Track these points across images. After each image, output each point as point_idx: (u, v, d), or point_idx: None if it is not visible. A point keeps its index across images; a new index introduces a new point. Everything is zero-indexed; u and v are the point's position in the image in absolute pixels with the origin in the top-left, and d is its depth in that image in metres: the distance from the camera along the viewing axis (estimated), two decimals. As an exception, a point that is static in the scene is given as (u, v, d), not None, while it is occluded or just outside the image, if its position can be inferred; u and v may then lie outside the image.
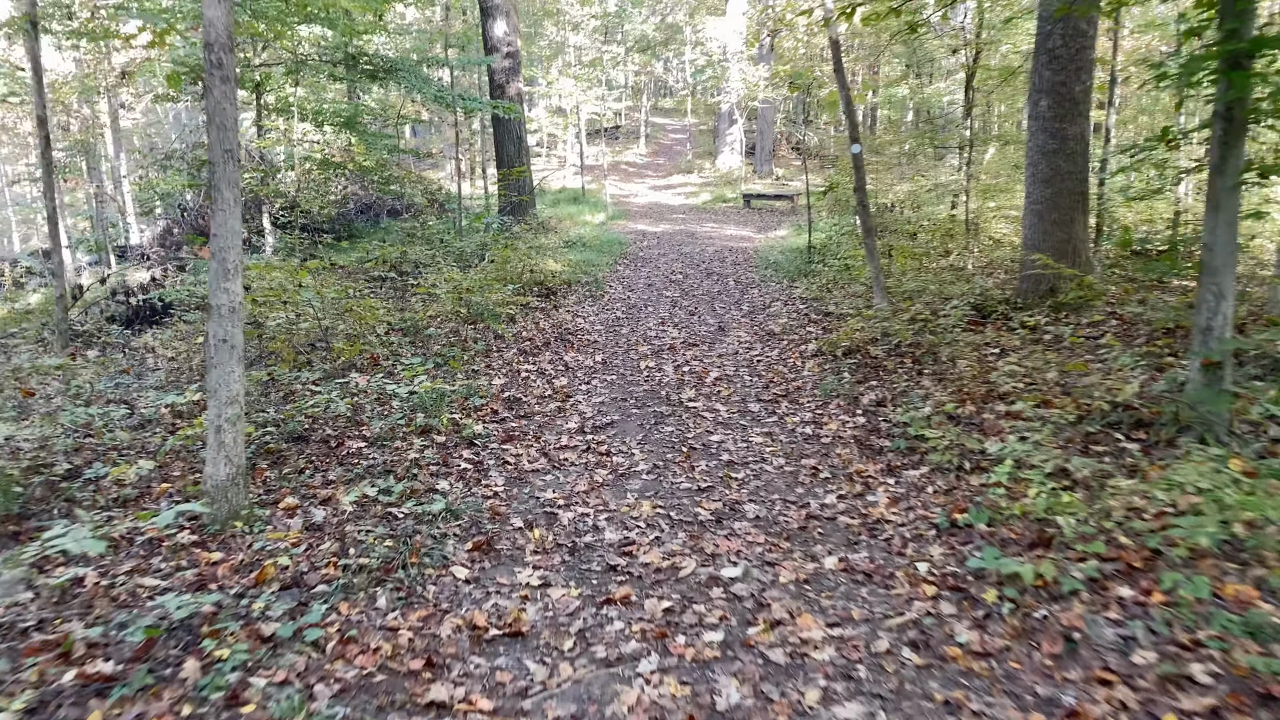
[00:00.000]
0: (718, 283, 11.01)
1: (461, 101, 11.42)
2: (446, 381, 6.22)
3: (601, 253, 13.38)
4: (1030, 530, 3.53)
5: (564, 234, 15.14)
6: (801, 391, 6.06)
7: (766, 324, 8.43)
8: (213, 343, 3.73)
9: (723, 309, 9.29)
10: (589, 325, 8.51)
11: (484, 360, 7.00)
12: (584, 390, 6.23)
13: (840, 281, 10.05)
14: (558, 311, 9.17)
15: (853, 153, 7.11)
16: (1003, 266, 9.73)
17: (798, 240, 14.28)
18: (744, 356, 7.14)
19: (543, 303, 9.57)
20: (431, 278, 8.57)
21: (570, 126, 24.35)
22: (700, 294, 10.23)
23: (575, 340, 7.85)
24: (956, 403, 5.16)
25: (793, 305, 9.33)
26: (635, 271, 12.05)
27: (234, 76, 3.62)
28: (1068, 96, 7.11)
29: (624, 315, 9.02)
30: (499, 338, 7.80)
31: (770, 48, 22.82)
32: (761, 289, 10.48)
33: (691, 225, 17.51)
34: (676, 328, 8.35)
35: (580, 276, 11.25)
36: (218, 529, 3.72)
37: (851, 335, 6.78)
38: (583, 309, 9.39)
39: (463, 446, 4.95)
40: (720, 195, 21.70)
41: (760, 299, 9.82)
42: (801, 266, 11.45)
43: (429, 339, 7.52)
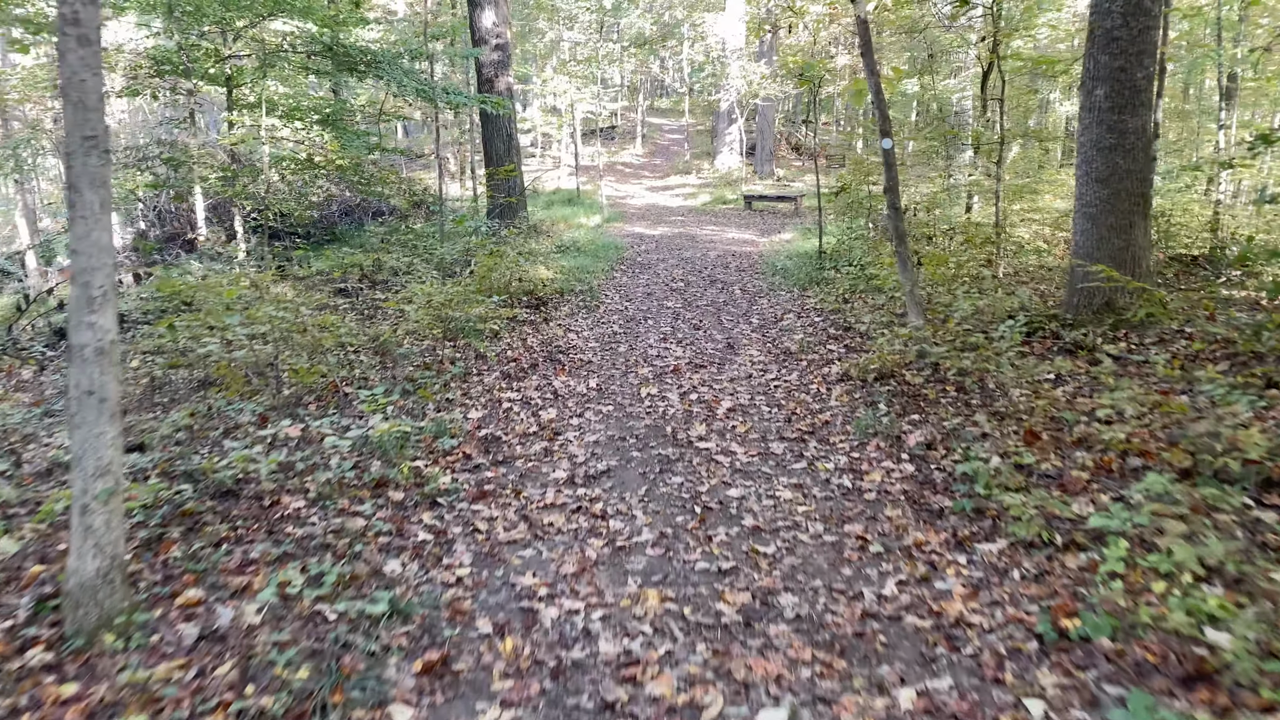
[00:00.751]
0: (723, 291, 10.06)
1: (445, 96, 10.46)
2: (414, 415, 5.26)
3: (597, 258, 12.41)
4: (1176, 652, 2.58)
5: (557, 238, 14.18)
6: (831, 427, 5.10)
7: (780, 340, 7.48)
8: (75, 395, 2.76)
9: (730, 322, 8.34)
10: (583, 342, 7.55)
11: (461, 387, 6.04)
12: (575, 425, 5.27)
13: (858, 290, 9.10)
14: (548, 325, 8.21)
15: (883, 148, 6.17)
16: (1036, 275, 8.80)
17: (805, 244, 13.34)
18: (759, 381, 6.19)
19: (532, 315, 8.61)
20: (403, 291, 7.60)
21: (565, 126, 23.39)
22: (704, 304, 9.27)
23: (567, 360, 6.89)
24: (1027, 449, 4.21)
25: (807, 318, 8.38)
26: (633, 279, 11.09)
27: (96, 38, 2.66)
28: (1128, 84, 6.18)
29: (622, 330, 8.06)
30: (480, 358, 6.84)
31: (771, 45, 21.87)
32: (771, 299, 9.53)
33: (691, 228, 16.56)
34: (680, 345, 7.40)
35: (574, 285, 10.29)
36: (82, 643, 2.76)
37: (884, 358, 5.83)
38: (576, 322, 8.43)
39: (424, 507, 3.99)
40: (720, 196, 20.75)
41: (771, 310, 8.87)
42: (812, 273, 10.50)
43: (402, 359, 6.56)
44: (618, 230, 16.26)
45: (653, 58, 33.35)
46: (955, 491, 3.99)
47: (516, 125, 13.39)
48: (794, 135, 29.25)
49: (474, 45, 12.84)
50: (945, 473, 4.25)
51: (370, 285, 8.75)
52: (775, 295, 9.71)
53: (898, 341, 6.09)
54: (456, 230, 9.86)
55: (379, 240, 10.03)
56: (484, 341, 7.23)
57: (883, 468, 4.41)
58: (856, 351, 6.85)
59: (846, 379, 6.07)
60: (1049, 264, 9.27)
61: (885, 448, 4.68)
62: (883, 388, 5.68)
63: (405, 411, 5.40)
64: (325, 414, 5.16)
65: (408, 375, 6.13)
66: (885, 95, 6.25)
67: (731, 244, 14.31)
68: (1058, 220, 10.28)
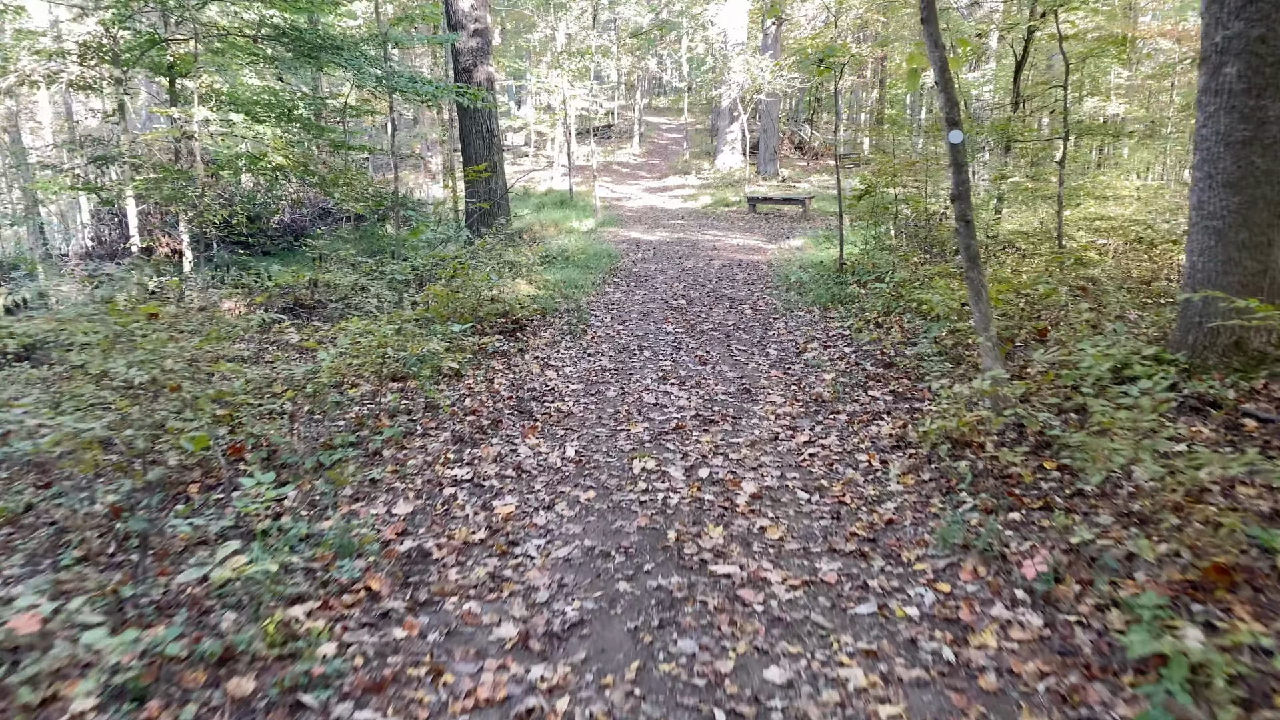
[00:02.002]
0: (731, 311, 8.51)
1: (411, 86, 8.90)
2: (316, 511, 3.72)
3: (587, 269, 10.86)
4: None
5: (544, 245, 12.62)
6: (900, 531, 3.57)
7: (807, 380, 5.94)
8: None
9: (743, 353, 6.80)
10: (563, 383, 6.00)
11: (395, 456, 4.49)
12: (540, 527, 3.72)
13: (893, 312, 7.56)
14: (523, 359, 6.65)
15: (951, 143, 4.63)
16: (1114, 301, 7.25)
17: (821, 253, 11.79)
18: (789, 446, 4.65)
19: (505, 343, 7.06)
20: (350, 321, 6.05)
21: (558, 123, 21.81)
22: (710, 328, 7.73)
23: (540, 411, 5.35)
24: (1213, 596, 2.68)
25: (835, 348, 6.84)
26: (628, 294, 9.54)
27: None
28: (1271, 59, 4.64)
29: (611, 364, 6.52)
30: (431, 408, 5.29)
31: (776, 38, 20.30)
32: (788, 321, 7.98)
33: (691, 233, 15.01)
34: (683, 387, 5.85)
35: (558, 303, 8.74)
36: None
37: (959, 421, 4.28)
38: (558, 353, 6.88)
39: (280, 712, 2.45)
40: (721, 198, 19.20)
41: (789, 337, 7.32)
42: (834, 289, 8.96)
43: (335, 408, 5.03)
44: (612, 235, 14.71)
45: (650, 54, 31.76)
46: (1130, 685, 2.45)
47: (498, 120, 11.83)
48: (797, 134, 27.69)
49: (449, 30, 11.27)
50: (1096, 634, 2.71)
51: (306, 310, 7.20)
52: (792, 316, 8.16)
53: (971, 394, 4.55)
54: (421, 240, 8.33)
55: (314, 255, 8.47)
56: (437, 387, 5.68)
57: (993, 618, 2.87)
58: (907, 400, 5.30)
59: (904, 445, 4.53)
60: (1121, 281, 7.73)
61: (988, 575, 3.14)
62: (957, 462, 4.14)
63: (307, 504, 3.86)
64: (200, 508, 3.62)
65: (326, 441, 4.58)
66: (948, 76, 4.70)
67: (736, 252, 12.76)
68: (1124, 228, 8.74)
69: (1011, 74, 14.07)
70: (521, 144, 30.46)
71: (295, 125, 10.68)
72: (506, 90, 37.31)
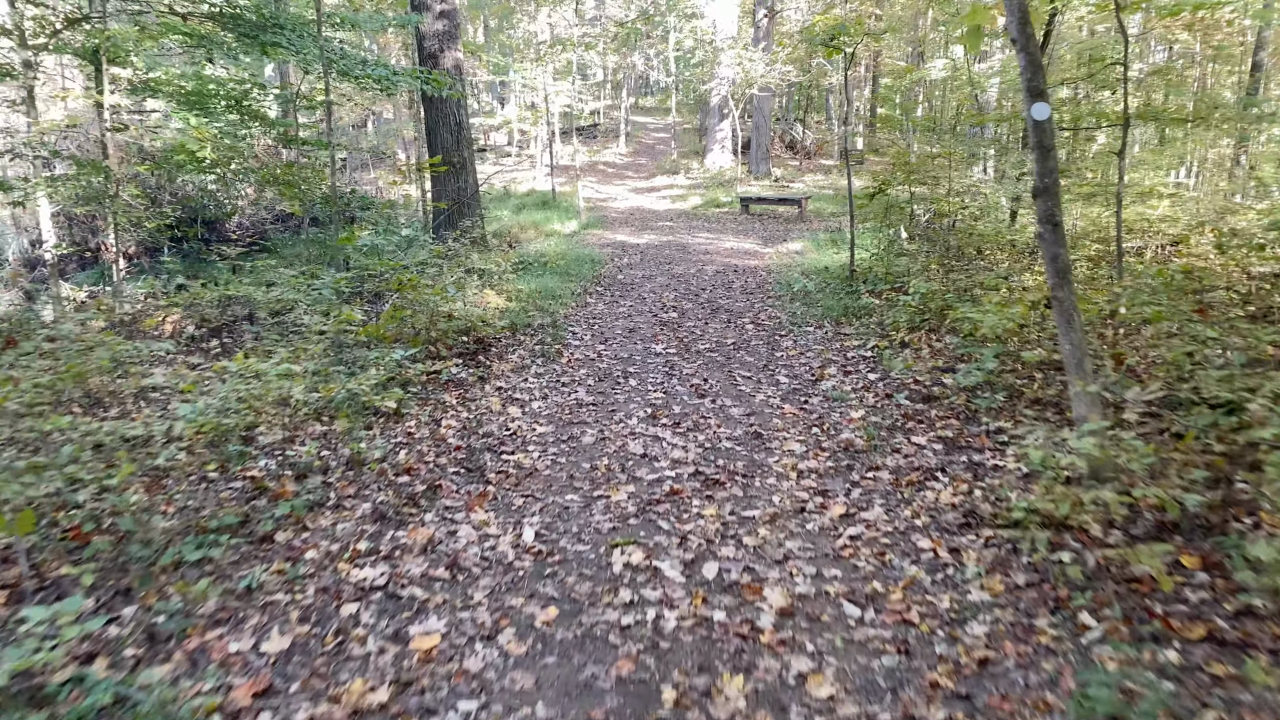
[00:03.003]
0: (730, 326, 7.32)
1: (363, 70, 7.66)
2: (154, 641, 2.50)
3: (567, 277, 9.64)
4: None
5: (522, 249, 11.39)
6: (1005, 681, 2.38)
7: (830, 418, 4.75)
8: None
9: (748, 380, 5.60)
10: (527, 425, 4.78)
11: (287, 549, 3.26)
12: (473, 679, 2.49)
13: (920, 328, 6.40)
14: (483, 390, 5.43)
15: (1034, 119, 3.46)
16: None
17: (824, 257, 10.62)
18: (820, 523, 3.45)
19: (465, 369, 5.83)
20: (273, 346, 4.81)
21: (541, 120, 20.56)
22: (707, 348, 6.53)
23: (495, 467, 4.13)
24: None
25: (857, 374, 5.66)
26: (611, 306, 8.33)
27: None
28: None
29: (590, 397, 5.30)
30: (355, 465, 4.06)
31: (768, 30, 19.14)
32: (796, 339, 6.79)
33: (682, 235, 13.81)
34: (679, 429, 4.65)
35: (532, 317, 7.51)
36: None
37: (1056, 498, 3.09)
38: (525, 382, 5.66)
39: None
40: (712, 199, 18.01)
41: (801, 360, 6.14)
42: (845, 300, 7.78)
43: (239, 461, 3.80)
44: (596, 238, 13.49)
45: (637, 51, 30.55)
46: None
47: (468, 112, 10.59)
48: (788, 133, 26.56)
49: (413, 11, 10.02)
50: None
51: (216, 333, 5.95)
52: (801, 333, 6.97)
53: (1060, 455, 3.36)
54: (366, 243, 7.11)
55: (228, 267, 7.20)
56: (369, 432, 4.45)
57: None
58: (963, 450, 4.12)
59: (976, 522, 3.34)
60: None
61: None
62: (1059, 555, 2.96)
63: (144, 633, 2.63)
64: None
65: (200, 522, 3.34)
66: (1029, 31, 3.52)
67: (731, 256, 11.57)
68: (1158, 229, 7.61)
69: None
70: (505, 143, 29.20)
71: (245, 117, 9.44)
72: (491, 89, 36.02)
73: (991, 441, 4.21)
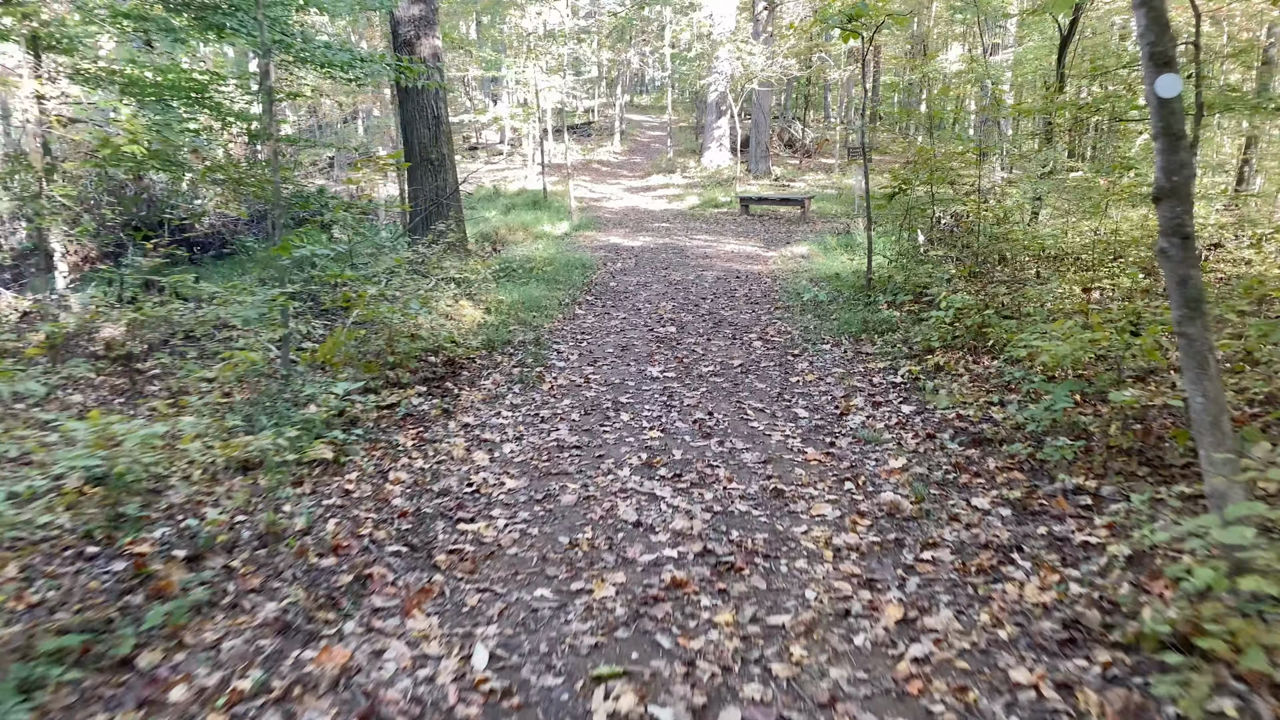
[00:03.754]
0: (735, 342, 6.43)
1: (326, 54, 6.74)
2: None
3: (555, 284, 8.73)
4: None
5: (505, 255, 10.47)
6: None
7: (864, 466, 3.86)
8: None
9: (760, 413, 4.71)
10: (494, 478, 3.87)
11: (148, 681, 2.35)
12: None
13: (953, 346, 5.52)
14: (446, 427, 4.52)
15: (1158, 96, 2.57)
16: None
17: (833, 263, 9.73)
18: (871, 637, 2.55)
19: (427, 399, 4.93)
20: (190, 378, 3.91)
21: (532, 118, 19.64)
22: (710, 370, 5.63)
23: (448, 544, 3.23)
24: None
25: (888, 405, 4.77)
26: (603, 318, 7.43)
27: None
28: None
29: (573, 437, 4.40)
30: (271, 539, 3.15)
31: (768, 22, 18.23)
32: (812, 358, 5.90)
33: (679, 237, 12.91)
34: (680, 484, 3.75)
35: (513, 333, 6.61)
36: None
37: (1218, 621, 2.20)
38: (498, 416, 4.75)
39: None
40: (710, 199, 17.10)
41: (820, 385, 5.24)
42: (863, 313, 6.90)
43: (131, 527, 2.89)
44: (589, 240, 12.58)
45: (632, 48, 29.61)
46: None
47: (447, 104, 9.66)
48: (786, 131, 25.66)
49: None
50: None
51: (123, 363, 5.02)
52: (817, 351, 6.08)
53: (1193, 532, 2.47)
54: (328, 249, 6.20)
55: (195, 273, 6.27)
56: (295, 494, 3.54)
57: None
58: (1041, 519, 3.23)
59: (1083, 636, 2.46)
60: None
61: None
62: (1217, 699, 2.08)
63: None
64: None
65: (45, 633, 2.43)
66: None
67: (732, 260, 10.67)
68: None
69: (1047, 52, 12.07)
70: (497, 141, 28.25)
71: (210, 111, 8.51)
72: (484, 87, 35.04)
73: (1072, 506, 3.32)
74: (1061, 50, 9.65)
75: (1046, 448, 3.74)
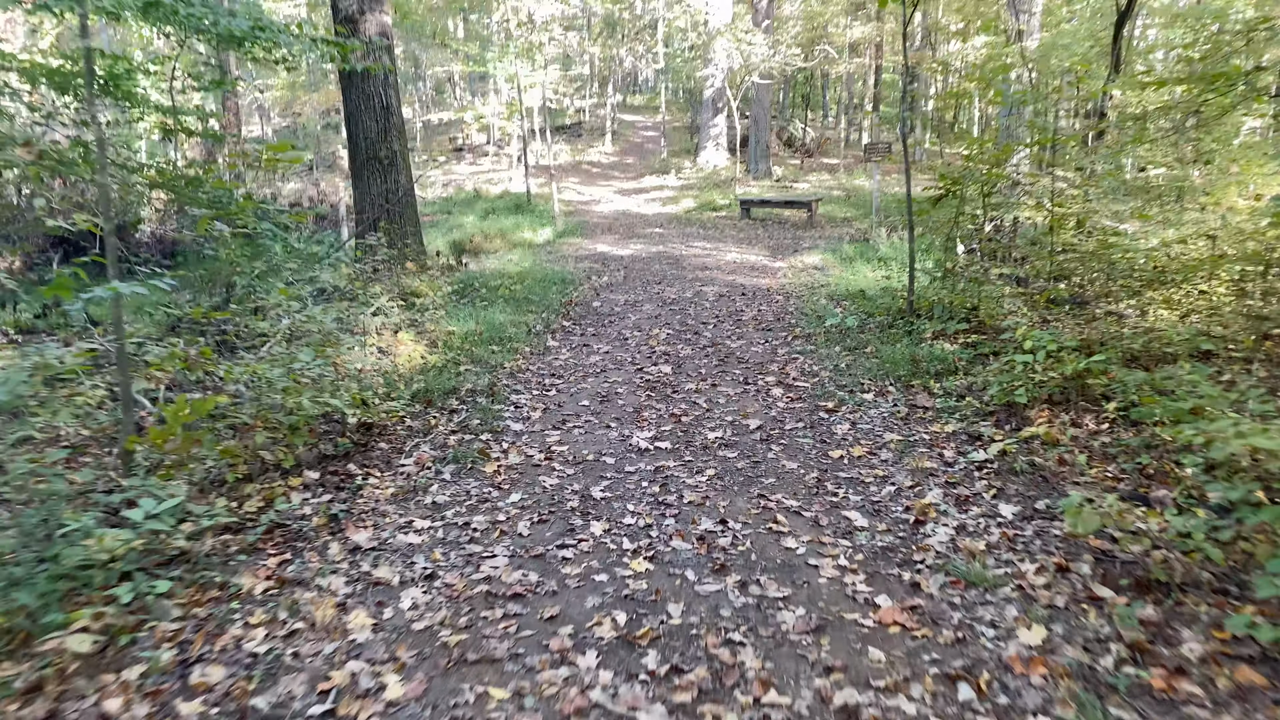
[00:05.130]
0: (747, 390, 4.87)
1: (195, 16, 5.15)
2: None
3: (526, 306, 7.16)
4: None
5: (472, 269, 8.90)
6: None
7: (978, 648, 2.31)
8: None
9: (795, 520, 3.15)
10: (370, 679, 2.28)
11: None
12: None
13: (1034, 394, 3.97)
14: (325, 556, 2.94)
15: None
16: None
17: (854, 276, 8.18)
18: None
19: (316, 494, 3.36)
20: None
21: (516, 115, 18.04)
22: (720, 439, 4.07)
23: None
24: None
25: (982, 505, 3.22)
26: (580, 352, 5.86)
27: None
28: None
29: (515, 574, 2.82)
30: None
31: (769, 9, 16.67)
32: (855, 419, 4.33)
33: (674, 244, 11.35)
34: (676, 703, 2.19)
35: (461, 379, 5.03)
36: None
37: None
38: (405, 534, 3.17)
39: None
40: (707, 201, 15.54)
41: (871, 464, 3.68)
42: (906, 345, 5.34)
43: None
44: (573, 249, 11.02)
45: (624, 45, 28.03)
46: None
47: (399, 93, 8.07)
48: (786, 129, 24.12)
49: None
50: None
51: None
52: (857, 404, 4.52)
53: None
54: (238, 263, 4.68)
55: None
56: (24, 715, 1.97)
57: None
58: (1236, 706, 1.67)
59: None
60: None
61: None
62: None
63: None
64: None
65: None
66: None
67: (735, 272, 9.12)
68: None
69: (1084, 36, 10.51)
70: (484, 142, 26.64)
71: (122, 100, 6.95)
72: (471, 86, 33.40)
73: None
74: (1118, 28, 8.10)
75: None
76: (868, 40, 20.27)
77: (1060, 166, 6.77)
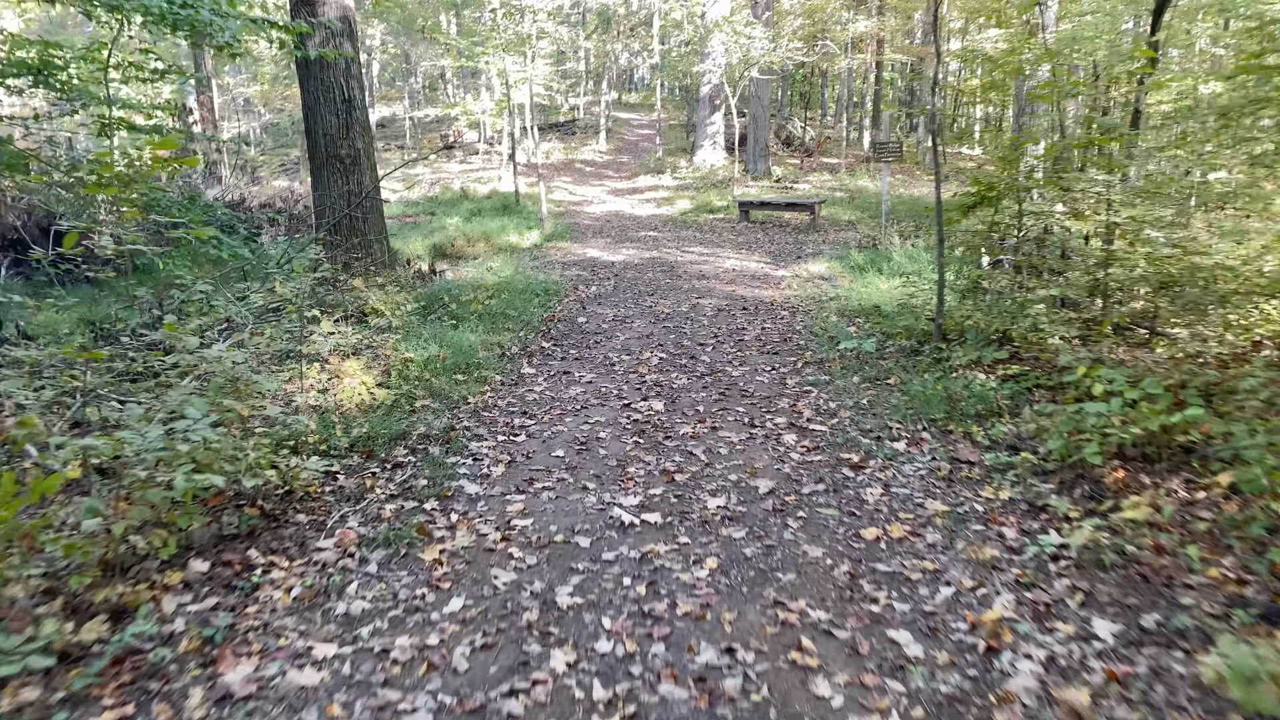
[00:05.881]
0: (754, 436, 4.05)
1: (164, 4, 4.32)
2: None
3: (502, 324, 6.32)
4: None
5: (444, 280, 8.05)
6: None
7: None
8: None
9: (826, 645, 2.34)
10: None
11: None
12: None
13: (1105, 452, 3.16)
14: (181, 710, 2.12)
15: None
16: None
17: (866, 289, 7.35)
18: None
19: (192, 602, 2.54)
20: None
21: (505, 111, 17.17)
22: (723, 510, 3.25)
23: None
24: None
25: (1069, 618, 2.40)
26: (558, 383, 5.03)
27: None
28: None
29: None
30: None
31: (769, 4, 15.82)
32: (888, 482, 3.52)
33: (669, 249, 10.52)
34: None
35: (414, 418, 4.20)
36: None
37: None
38: (297, 669, 2.35)
39: None
40: (704, 202, 14.70)
41: (918, 551, 2.86)
42: (939, 379, 4.52)
43: None
44: (561, 254, 10.19)
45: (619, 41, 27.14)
46: None
47: (363, 84, 7.23)
48: (784, 128, 23.29)
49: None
50: None
51: None
52: (887, 456, 3.70)
53: None
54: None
55: None
56: None
57: None
58: None
59: None
60: None
61: None
62: None
63: None
64: None
65: None
66: None
67: (735, 282, 8.29)
68: None
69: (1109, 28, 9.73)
70: (474, 140, 25.74)
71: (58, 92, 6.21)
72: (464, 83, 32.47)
73: None
74: (1156, 18, 7.28)
75: None
76: (870, 35, 19.43)
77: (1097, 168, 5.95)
